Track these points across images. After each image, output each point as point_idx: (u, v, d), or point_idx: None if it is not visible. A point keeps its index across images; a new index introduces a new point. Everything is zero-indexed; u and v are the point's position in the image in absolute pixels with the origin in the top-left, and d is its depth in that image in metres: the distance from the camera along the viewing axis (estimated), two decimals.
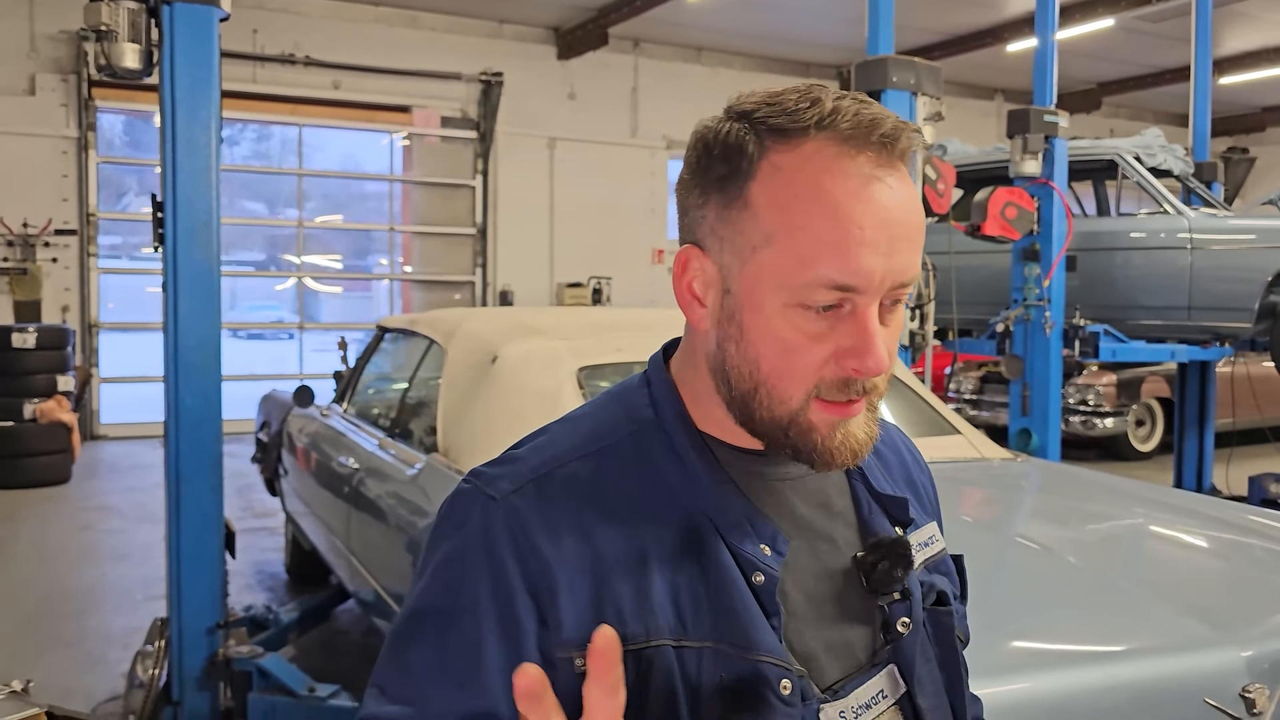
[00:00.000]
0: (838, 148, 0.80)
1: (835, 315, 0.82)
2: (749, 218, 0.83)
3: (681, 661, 0.83)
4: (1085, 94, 15.25)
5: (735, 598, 0.85)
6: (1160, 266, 6.56)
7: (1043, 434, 5.91)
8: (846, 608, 0.91)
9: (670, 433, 0.91)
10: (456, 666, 0.84)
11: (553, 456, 0.90)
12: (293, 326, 13.18)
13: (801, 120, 0.81)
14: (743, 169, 0.83)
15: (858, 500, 0.97)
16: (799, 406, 0.84)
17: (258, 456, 5.26)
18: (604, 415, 0.94)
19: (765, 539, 0.88)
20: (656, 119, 13.49)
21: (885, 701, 0.91)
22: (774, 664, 0.84)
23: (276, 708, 3.32)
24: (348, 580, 3.70)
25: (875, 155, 0.81)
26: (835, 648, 0.89)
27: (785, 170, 0.81)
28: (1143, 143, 7.06)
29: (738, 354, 0.86)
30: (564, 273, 12.84)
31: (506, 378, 2.87)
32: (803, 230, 0.81)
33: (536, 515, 0.85)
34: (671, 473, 0.89)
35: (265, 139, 14.53)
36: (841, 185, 0.80)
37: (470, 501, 0.89)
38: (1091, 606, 2.10)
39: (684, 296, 0.89)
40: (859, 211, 0.80)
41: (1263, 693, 1.69)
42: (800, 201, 0.81)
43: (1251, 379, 8.22)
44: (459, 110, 12.40)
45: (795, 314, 0.82)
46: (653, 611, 0.84)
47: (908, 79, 4.68)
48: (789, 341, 0.83)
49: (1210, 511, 2.94)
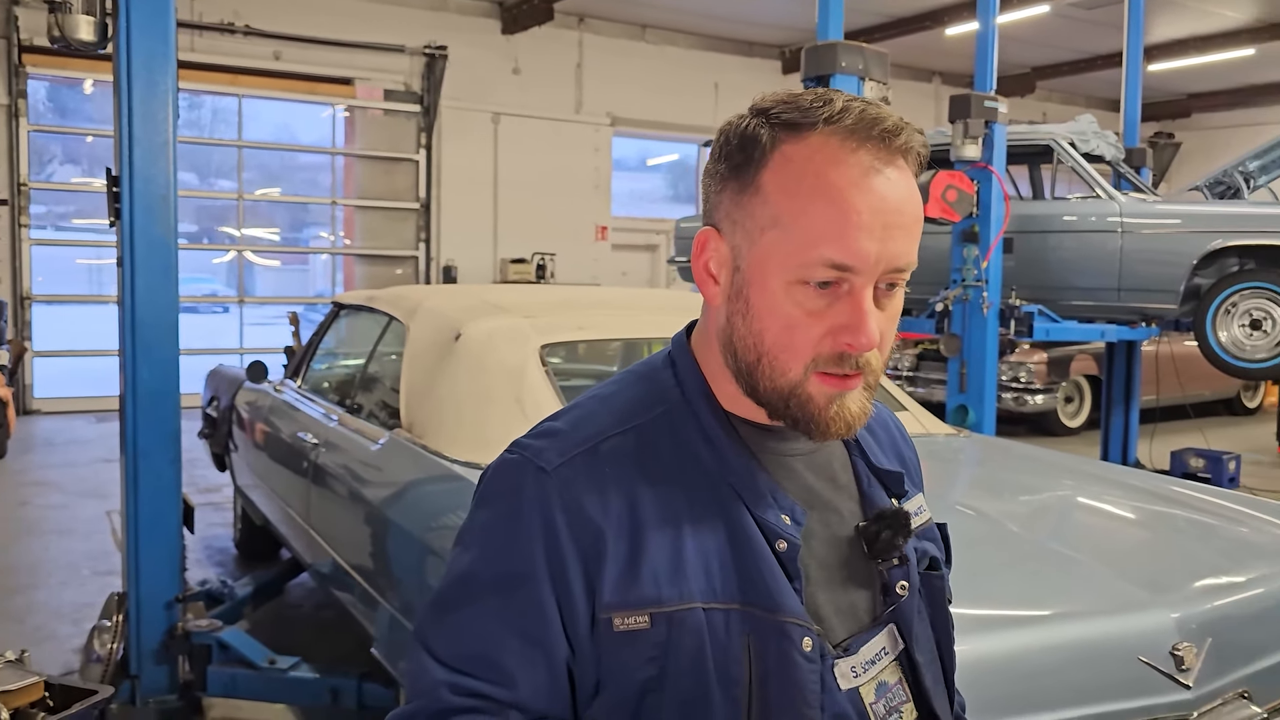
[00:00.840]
0: (842, 140, 0.88)
1: (833, 294, 0.90)
2: (759, 202, 0.91)
3: (711, 623, 0.91)
4: (1020, 78, 15.56)
5: (761, 564, 0.93)
6: (1092, 249, 6.79)
7: (979, 410, 6.11)
8: (852, 573, 1.00)
9: (697, 412, 0.98)
10: (526, 628, 0.91)
11: (596, 431, 0.97)
12: (230, 300, 12.96)
13: (812, 116, 0.89)
14: (755, 158, 0.91)
15: (858, 474, 1.06)
16: (798, 378, 0.92)
17: (206, 431, 5.22)
18: (634, 394, 1.01)
19: (786, 510, 0.96)
20: (601, 95, 13.48)
21: (887, 658, 1.00)
22: (798, 624, 0.92)
23: (237, 680, 3.36)
24: (304, 554, 3.73)
25: (875, 148, 0.88)
26: (843, 609, 0.98)
27: (794, 160, 0.90)
28: (1077, 129, 7.28)
29: (744, 327, 0.93)
30: (508, 248, 12.82)
31: (470, 354, 2.92)
32: (806, 214, 0.88)
33: (586, 485, 0.93)
34: (700, 449, 0.97)
35: (196, 107, 14.21)
36: (843, 175, 0.88)
37: (521, 471, 0.95)
38: (1031, 571, 2.22)
39: (700, 274, 0.97)
40: (858, 199, 0.87)
41: (1191, 650, 1.82)
42: (806, 188, 0.88)
43: (1175, 358, 8.55)
44: (402, 83, 12.27)
45: (797, 291, 0.90)
46: (685, 577, 0.91)
47: (856, 64, 4.79)
48: (790, 317, 0.90)
49: (1136, 483, 3.11)
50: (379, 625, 2.78)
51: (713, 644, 0.91)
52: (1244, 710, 1.83)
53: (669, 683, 0.90)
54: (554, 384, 2.80)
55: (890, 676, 1.00)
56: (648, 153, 16.13)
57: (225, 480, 5.50)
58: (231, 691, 3.35)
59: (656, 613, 0.90)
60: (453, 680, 0.91)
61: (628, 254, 14.17)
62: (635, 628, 0.90)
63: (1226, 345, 6.26)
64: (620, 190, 14.57)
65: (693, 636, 0.90)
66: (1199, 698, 1.80)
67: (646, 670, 0.90)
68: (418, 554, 2.58)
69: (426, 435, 2.85)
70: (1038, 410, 10.13)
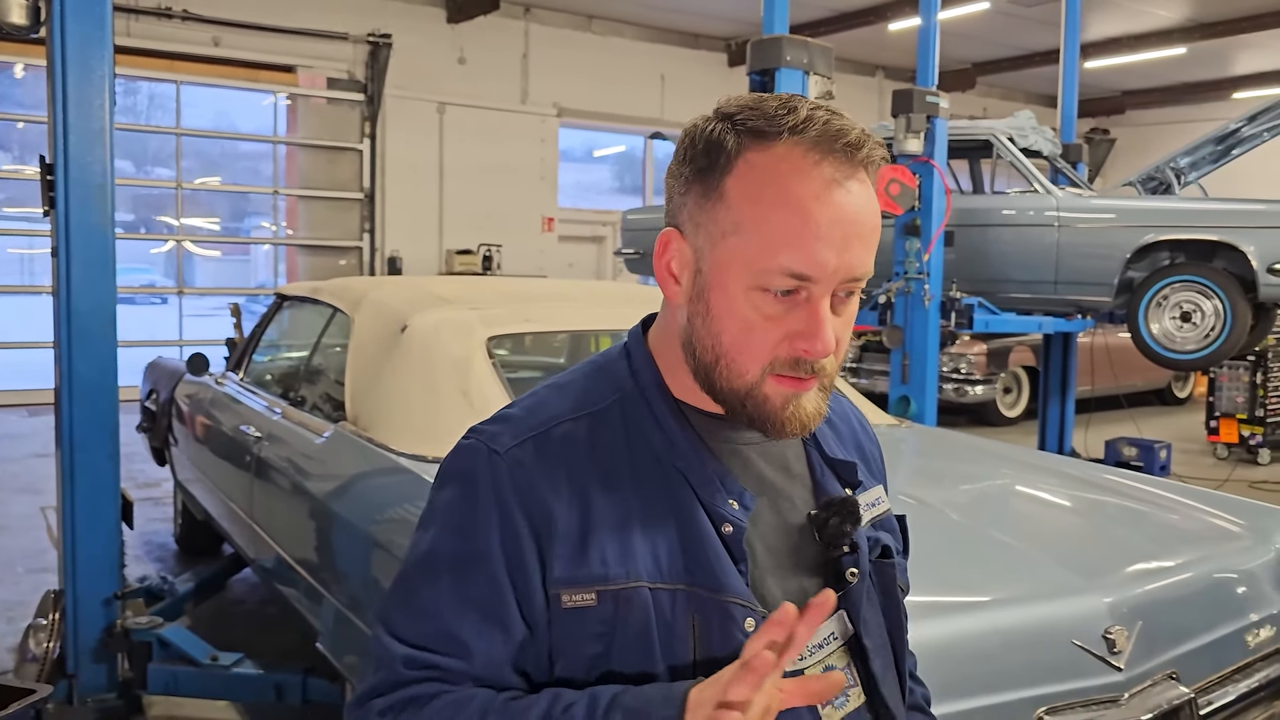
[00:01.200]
0: (805, 152, 0.90)
1: (791, 301, 0.92)
2: (723, 207, 0.93)
3: (657, 603, 0.94)
4: (961, 73, 15.79)
5: (707, 546, 0.96)
6: (1030, 243, 6.93)
7: (921, 401, 6.20)
8: (802, 559, 1.03)
9: (649, 400, 1.01)
10: (481, 602, 0.94)
11: (549, 416, 1.00)
12: (169, 291, 12.70)
13: (777, 125, 0.91)
14: (721, 164, 0.93)
15: (812, 464, 1.09)
16: (755, 380, 0.94)
17: (145, 425, 5.13)
18: (589, 384, 1.04)
19: (734, 495, 0.99)
20: (547, 86, 13.43)
21: (835, 642, 1.03)
22: (741, 604, 0.95)
23: (179, 677, 3.31)
24: (247, 548, 3.68)
25: (838, 161, 0.91)
26: (792, 594, 1.00)
27: (758, 168, 0.92)
28: (1016, 124, 7.42)
29: (704, 328, 0.96)
30: (453, 239, 12.72)
31: (416, 347, 2.91)
32: (768, 223, 0.91)
33: (538, 467, 0.96)
34: (652, 436, 1.00)
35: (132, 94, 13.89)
36: (806, 186, 0.90)
37: (475, 455, 0.98)
38: (970, 558, 2.27)
39: (662, 274, 0.99)
40: (818, 210, 0.90)
41: (1123, 634, 1.88)
42: (769, 196, 0.91)
43: (1109, 349, 8.76)
44: (345, 72, 12.11)
45: (756, 296, 0.92)
46: (633, 557, 0.95)
47: (801, 58, 4.83)
48: (749, 321, 0.93)
49: (1072, 472, 3.19)
50: (324, 620, 2.76)
51: (658, 622, 0.94)
52: (1172, 691, 1.90)
53: (615, 658, 0.94)
54: (500, 376, 2.80)
55: (838, 661, 1.03)
56: (594, 144, 16.11)
57: (165, 475, 5.40)
58: (173, 689, 3.30)
59: (603, 590, 0.93)
60: (410, 654, 0.94)
61: (574, 246, 14.14)
62: (583, 604, 0.93)
63: (1158, 337, 6.43)
64: (567, 181, 14.54)
65: (639, 614, 0.94)
66: (1130, 679, 1.87)
67: (594, 646, 0.94)
68: (363, 548, 2.56)
69: (372, 428, 2.83)
70: (977, 401, 10.32)
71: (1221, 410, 9.09)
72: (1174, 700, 1.88)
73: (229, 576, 4.45)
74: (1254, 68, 15.57)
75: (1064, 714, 1.79)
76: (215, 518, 4.16)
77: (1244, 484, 7.79)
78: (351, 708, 0.98)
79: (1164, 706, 1.85)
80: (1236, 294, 6.13)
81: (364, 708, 0.96)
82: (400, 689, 0.94)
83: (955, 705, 1.69)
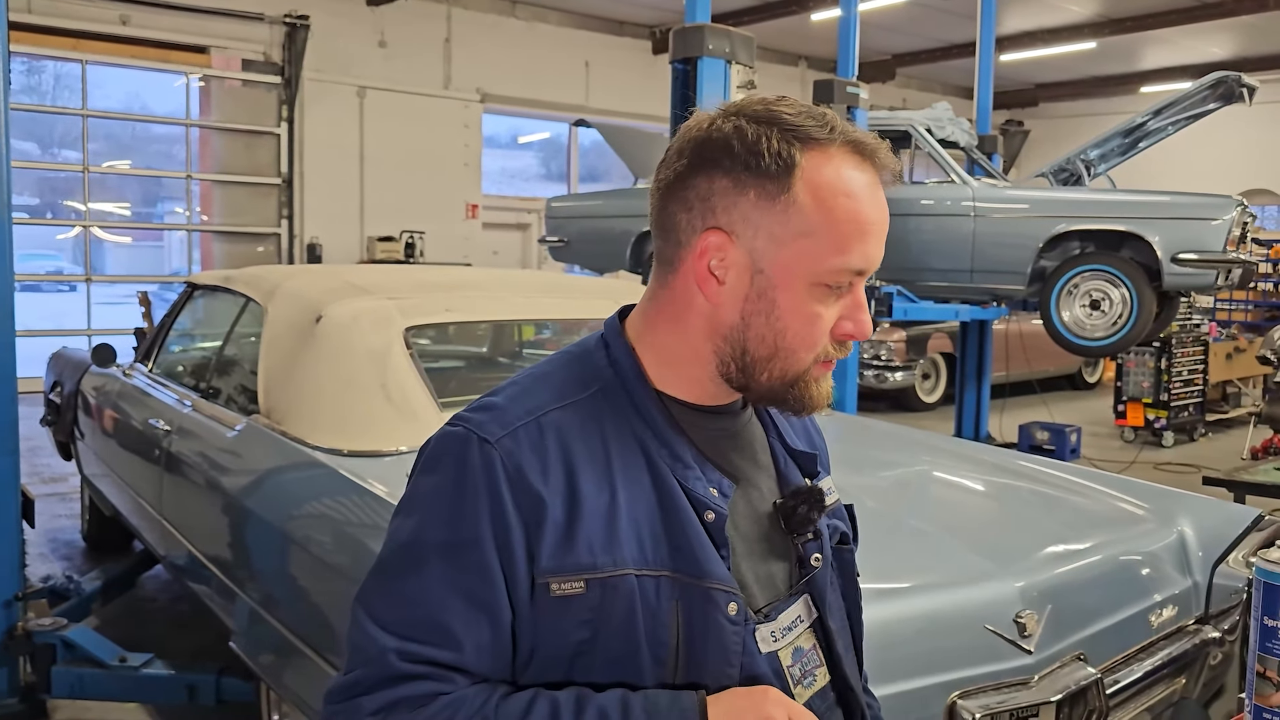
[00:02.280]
0: (853, 159, 0.99)
1: (840, 292, 1.00)
2: (794, 211, 0.97)
3: (642, 589, 0.96)
4: (881, 64, 16.02)
5: (690, 533, 0.99)
6: (947, 232, 7.07)
7: (841, 388, 6.29)
8: (770, 545, 1.07)
9: (631, 390, 1.03)
10: (470, 591, 0.94)
11: (536, 405, 1.01)
12: (76, 278, 12.27)
13: (822, 130, 0.98)
14: (789, 168, 0.97)
15: (776, 455, 1.13)
16: (807, 367, 1.01)
17: (49, 419, 4.94)
18: (568, 374, 1.05)
19: (714, 483, 1.02)
20: (471, 71, 13.26)
21: (802, 625, 1.07)
22: (724, 590, 0.99)
23: (85, 680, 3.20)
24: (157, 545, 3.58)
25: (874, 164, 0.99)
26: (762, 579, 1.05)
27: (823, 175, 0.98)
28: (934, 115, 7.55)
29: (765, 325, 1.00)
30: (375, 226, 12.51)
31: (332, 338, 2.84)
32: (838, 225, 0.97)
33: (528, 456, 0.97)
34: (634, 424, 1.02)
35: (37, 72, 13.38)
36: (861, 192, 0.98)
37: (464, 442, 0.98)
38: (885, 545, 2.30)
39: (702, 273, 1.01)
40: (872, 212, 0.99)
41: (1033, 618, 1.93)
42: (835, 201, 0.97)
43: (1023, 336, 9.00)
44: (261, 53, 11.79)
45: (819, 291, 0.99)
46: (619, 545, 0.96)
47: (723, 47, 4.84)
48: (813, 314, 0.99)
49: (986, 458, 3.27)
50: (238, 618, 2.69)
51: (644, 608, 0.96)
52: (1080, 671, 1.95)
53: (600, 644, 0.96)
54: (419, 368, 2.75)
55: (805, 642, 1.07)
56: (519, 130, 15.98)
57: (71, 470, 5.22)
58: (79, 692, 3.20)
59: (591, 579, 0.95)
60: (400, 647, 0.94)
61: (499, 233, 14.02)
62: (571, 593, 0.95)
63: (1069, 324, 6.62)
64: (491, 168, 14.40)
65: (625, 601, 0.96)
66: (1040, 662, 1.91)
67: (580, 632, 0.96)
68: (278, 544, 2.50)
69: (286, 421, 2.76)
70: (897, 387, 10.52)
71: (1128, 395, 9.40)
72: (1081, 681, 1.93)
73: (139, 574, 4.33)
74: (1160, 63, 16.07)
75: (976, 697, 1.82)
76: (124, 514, 4.04)
77: (1149, 465, 8.07)
78: (335, 698, 0.96)
79: (1072, 687, 1.90)
80: (1143, 283, 6.33)
81: (351, 704, 0.94)
82: (391, 686, 0.93)
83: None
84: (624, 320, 1.09)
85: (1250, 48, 15.09)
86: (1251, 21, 13.32)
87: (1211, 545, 2.43)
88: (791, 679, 1.04)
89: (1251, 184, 14.97)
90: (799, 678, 1.05)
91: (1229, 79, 6.99)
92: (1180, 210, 6.33)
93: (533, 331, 4.17)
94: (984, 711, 1.81)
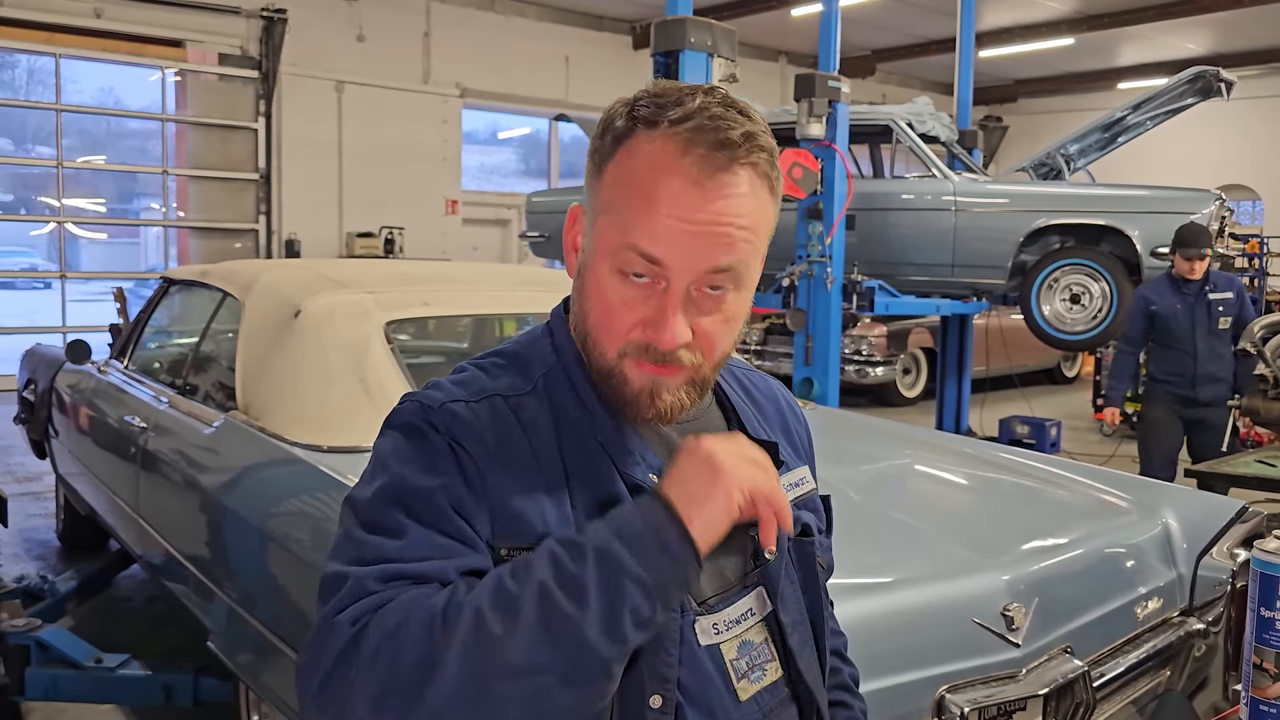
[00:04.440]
0: (677, 143, 0.92)
1: (650, 289, 0.94)
2: (601, 187, 0.98)
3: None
4: (861, 60, 16.04)
5: None
6: (928, 226, 7.09)
7: (823, 382, 6.30)
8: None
9: (571, 376, 1.02)
10: (439, 525, 0.91)
11: (480, 389, 1.01)
12: (51, 275, 12.13)
13: (662, 114, 0.94)
14: (607, 147, 0.97)
15: None
16: (614, 361, 0.97)
17: (23, 416, 4.87)
18: (515, 362, 1.06)
19: (653, 469, 1.00)
20: (449, 65, 13.19)
21: (753, 618, 1.04)
22: None
23: (59, 681, 3.15)
24: (133, 544, 3.53)
25: (706, 157, 0.92)
26: (709, 570, 1.01)
27: (635, 154, 0.95)
28: (914, 110, 7.56)
29: (579, 304, 1.01)
30: (354, 222, 12.42)
31: (310, 332, 2.80)
32: (626, 203, 0.94)
33: (473, 426, 0.97)
34: (574, 410, 1.01)
35: (9, 67, 13.21)
36: (667, 176, 0.92)
37: (413, 412, 0.99)
38: (870, 539, 2.29)
39: (567, 249, 1.04)
40: (675, 199, 0.92)
41: (1020, 610, 1.92)
42: (632, 180, 0.94)
43: (1003, 331, 9.03)
44: (238, 47, 11.68)
45: (616, 279, 0.95)
46: (552, 529, 0.94)
47: (704, 40, 4.82)
48: (610, 303, 0.96)
49: (968, 451, 3.26)
50: (215, 617, 2.65)
51: None
52: (1067, 664, 1.94)
53: None
54: (399, 362, 2.72)
55: (756, 636, 1.04)
56: (498, 126, 15.90)
57: (45, 468, 5.15)
58: (53, 694, 3.14)
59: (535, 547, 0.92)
60: (381, 569, 0.88)
61: (479, 228, 13.95)
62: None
63: (1049, 318, 6.65)
64: (471, 164, 14.32)
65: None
66: (1027, 655, 1.90)
67: None
68: (256, 542, 2.46)
69: (264, 417, 2.72)
70: (878, 382, 10.54)
71: (1107, 388, 9.43)
72: (1068, 674, 1.92)
73: (115, 574, 4.27)
74: (1138, 59, 16.18)
75: (965, 691, 1.81)
76: (99, 513, 3.98)
77: (1128, 459, 8.09)
78: (318, 627, 0.87)
79: (1059, 680, 1.89)
80: (1122, 277, 6.37)
81: (331, 624, 0.85)
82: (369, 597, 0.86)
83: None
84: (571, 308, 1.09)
85: (1226, 44, 15.21)
86: (1227, 17, 13.42)
87: (1196, 537, 2.43)
88: (736, 672, 1.01)
89: (1228, 179, 15.10)
90: (745, 671, 1.02)
91: (1207, 74, 7.03)
92: (1159, 204, 6.37)
93: (513, 325, 4.14)
94: (972, 705, 1.79)
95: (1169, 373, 5.32)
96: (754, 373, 1.26)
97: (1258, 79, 14.85)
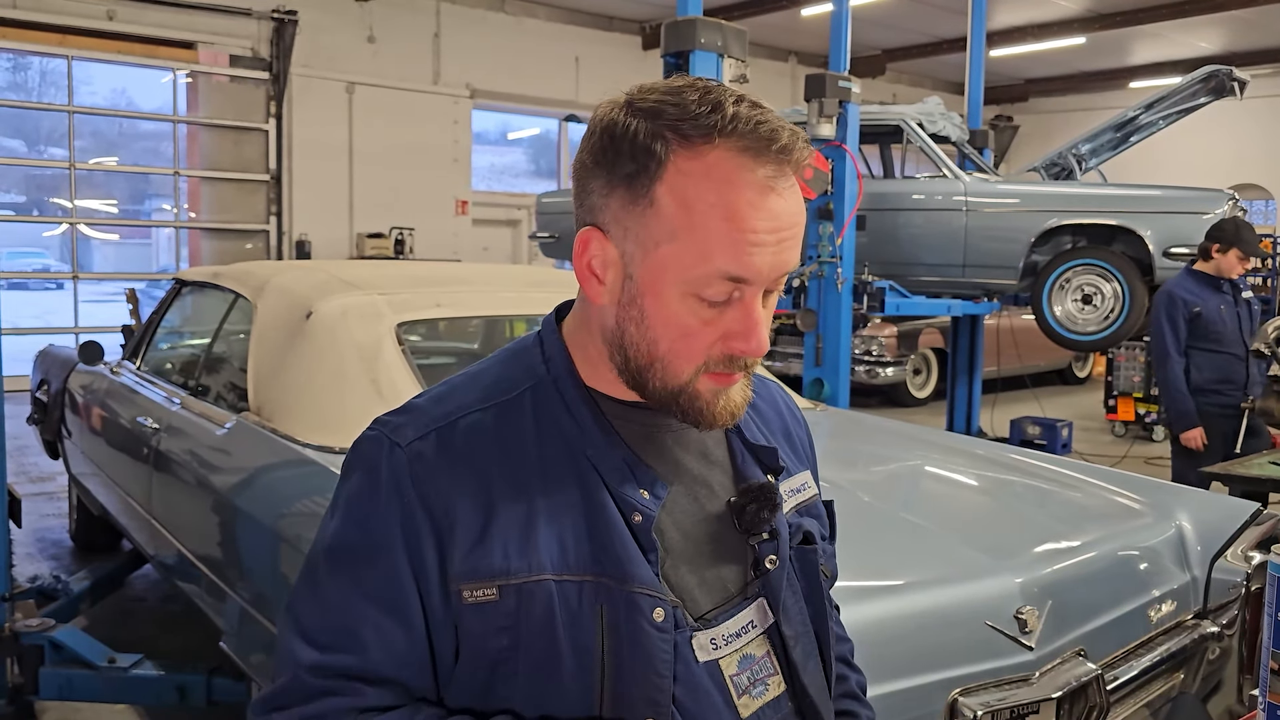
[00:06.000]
0: (737, 157, 0.89)
1: (725, 302, 0.92)
2: (654, 215, 0.91)
3: (563, 594, 0.93)
4: (872, 60, 16.01)
5: (615, 536, 0.94)
6: (939, 226, 7.07)
7: (834, 383, 6.28)
8: (720, 547, 1.01)
9: (561, 388, 0.99)
10: (381, 597, 0.93)
11: (456, 407, 0.98)
12: (63, 276, 12.19)
13: (705, 128, 0.89)
14: (651, 169, 0.90)
15: (733, 450, 1.07)
16: (689, 379, 0.94)
17: (36, 417, 4.89)
18: (501, 372, 1.02)
19: (645, 484, 0.97)
20: (460, 66, 13.21)
21: (754, 631, 1.01)
22: (648, 594, 0.94)
23: (73, 681, 3.16)
24: (146, 544, 3.54)
25: (770, 165, 0.89)
26: (709, 582, 0.99)
27: (691, 176, 0.89)
28: (925, 110, 7.54)
29: (638, 334, 0.94)
30: (364, 223, 12.45)
31: (322, 334, 2.81)
32: (705, 230, 0.89)
33: (439, 460, 0.94)
34: (564, 424, 0.98)
35: (23, 69, 13.28)
36: (740, 194, 0.89)
37: (377, 447, 0.97)
38: (882, 541, 2.28)
39: (583, 273, 0.97)
40: (753, 217, 0.89)
41: (1033, 614, 1.91)
42: (704, 205, 0.89)
43: (1014, 331, 9.00)
44: (249, 49, 11.72)
45: (691, 302, 0.92)
46: (536, 548, 0.93)
47: (715, 41, 4.82)
48: (686, 326, 0.92)
49: (980, 452, 3.25)
50: (228, 618, 2.66)
51: (564, 615, 0.93)
52: (1081, 667, 1.94)
53: (521, 652, 0.93)
54: (411, 363, 2.72)
55: (757, 649, 1.01)
56: (508, 126, 15.92)
57: (58, 469, 5.17)
58: (67, 694, 3.16)
59: (504, 585, 0.92)
60: (314, 661, 0.93)
61: (489, 229, 13.97)
62: (484, 600, 0.92)
63: (1061, 319, 6.62)
64: (481, 164, 14.34)
65: (542, 608, 0.92)
66: (1040, 658, 1.89)
67: (499, 640, 0.93)
68: (268, 543, 2.47)
69: (276, 418, 2.73)
70: (888, 382, 10.51)
71: (1119, 389, 9.40)
72: (1082, 677, 1.91)
73: (128, 574, 4.29)
74: (1150, 58, 16.10)
75: (978, 694, 1.80)
76: (112, 513, 4.00)
77: (1140, 460, 8.08)
78: (256, 710, 0.95)
79: (1073, 683, 1.89)
80: (1134, 277, 6.34)
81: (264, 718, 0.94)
82: (304, 703, 0.92)
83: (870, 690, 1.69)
84: (565, 316, 1.06)
85: (1239, 42, 15.12)
86: (1241, 15, 13.34)
87: (1210, 539, 2.42)
88: (736, 689, 0.98)
89: (1241, 179, 15.02)
90: (746, 686, 0.98)
91: (1220, 73, 7.00)
92: (1172, 204, 6.34)
93: (524, 326, 4.14)
94: (985, 709, 1.79)
95: (1218, 380, 4.70)
96: (754, 376, 1.24)
97: (1271, 78, 14.77)
